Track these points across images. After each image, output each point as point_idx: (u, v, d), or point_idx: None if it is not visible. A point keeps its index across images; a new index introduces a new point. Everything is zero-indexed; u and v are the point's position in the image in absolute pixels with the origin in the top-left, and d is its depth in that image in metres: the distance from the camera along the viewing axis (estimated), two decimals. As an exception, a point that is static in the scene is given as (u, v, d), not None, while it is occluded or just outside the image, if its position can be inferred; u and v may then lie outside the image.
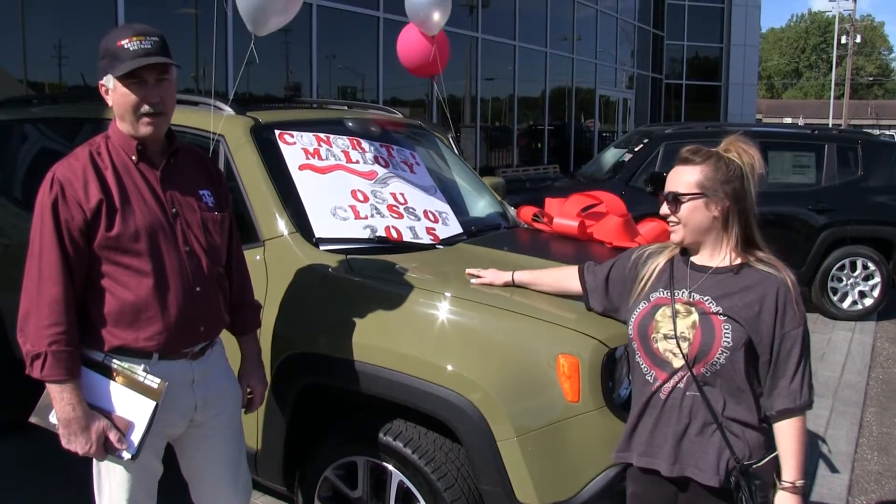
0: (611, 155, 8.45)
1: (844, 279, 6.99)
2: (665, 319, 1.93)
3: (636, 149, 7.58)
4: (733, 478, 1.85)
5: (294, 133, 3.17)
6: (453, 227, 3.19)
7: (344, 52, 10.80)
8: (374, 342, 2.45)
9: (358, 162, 3.21)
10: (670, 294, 1.96)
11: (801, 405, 1.86)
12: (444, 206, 3.29)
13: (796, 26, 67.23)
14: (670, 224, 1.99)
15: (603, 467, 2.23)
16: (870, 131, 10.59)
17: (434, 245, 3.02)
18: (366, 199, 3.04)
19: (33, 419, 1.99)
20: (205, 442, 2.16)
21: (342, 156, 3.20)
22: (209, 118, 3.02)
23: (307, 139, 3.18)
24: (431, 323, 2.42)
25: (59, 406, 1.88)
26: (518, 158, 15.43)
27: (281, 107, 3.93)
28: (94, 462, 2.04)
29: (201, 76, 8.20)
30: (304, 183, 2.99)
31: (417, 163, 3.49)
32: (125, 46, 1.89)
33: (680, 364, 1.89)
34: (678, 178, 1.96)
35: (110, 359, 1.95)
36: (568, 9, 17.41)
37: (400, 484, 2.45)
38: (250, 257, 2.52)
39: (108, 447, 1.93)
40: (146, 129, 1.96)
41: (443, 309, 2.43)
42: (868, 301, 7.00)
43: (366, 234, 2.90)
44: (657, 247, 2.14)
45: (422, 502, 2.39)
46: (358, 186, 3.09)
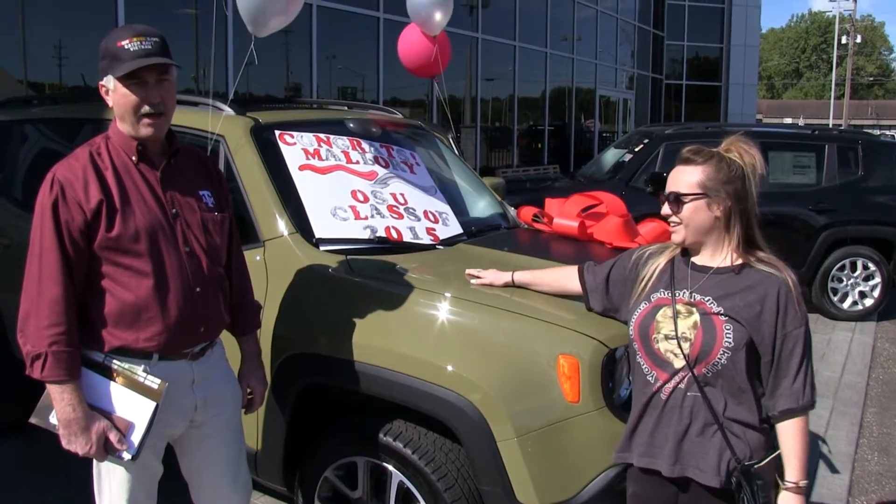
0: (611, 155, 8.46)
1: (845, 279, 6.99)
2: (666, 320, 1.93)
3: (636, 149, 7.58)
4: (734, 478, 1.85)
5: (294, 133, 3.18)
6: (453, 228, 3.19)
7: (344, 53, 10.80)
8: (374, 342, 2.45)
9: (358, 162, 3.21)
10: (671, 294, 1.96)
11: (804, 405, 1.86)
12: (445, 207, 3.29)
13: (796, 26, 67.25)
14: (671, 224, 1.98)
15: (603, 468, 2.23)
16: (870, 131, 10.58)
17: (434, 245, 3.02)
18: (366, 200, 3.04)
19: (33, 420, 1.99)
20: (205, 442, 2.16)
21: (342, 156, 3.20)
22: (209, 119, 3.02)
23: (307, 139, 3.18)
24: (431, 323, 2.42)
25: (60, 407, 1.88)
26: (518, 159, 15.43)
27: (281, 107, 3.93)
28: (94, 462, 2.04)
29: (201, 77, 8.20)
30: (305, 183, 2.99)
31: (417, 163, 3.49)
32: (125, 47, 1.89)
33: (681, 364, 1.89)
34: (680, 179, 1.95)
35: (110, 359, 1.96)
36: (568, 9, 17.41)
37: (400, 484, 2.45)
38: (250, 258, 2.52)
39: (109, 448, 1.93)
40: (146, 130, 1.96)
41: (443, 309, 2.43)
42: (868, 301, 7.00)
43: (366, 235, 2.90)
44: (657, 247, 2.14)
45: (422, 503, 2.39)
46: (358, 187, 3.09)
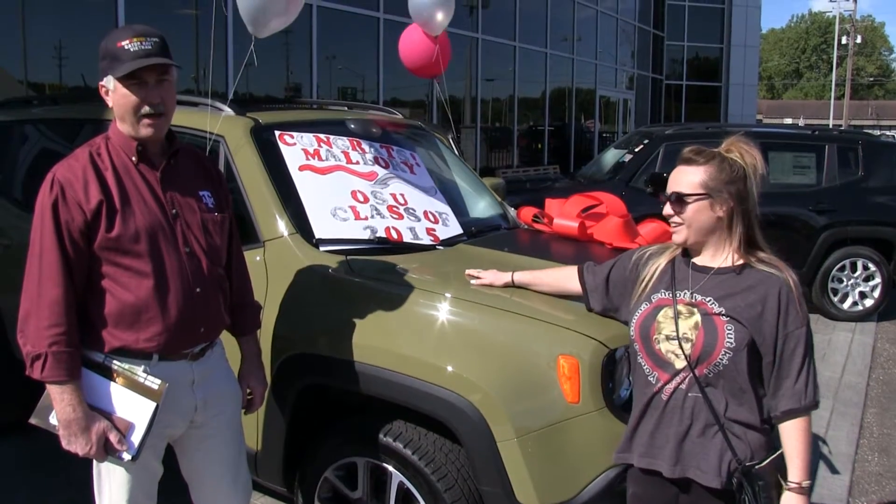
0: (611, 156, 8.46)
1: (845, 280, 6.98)
2: (667, 320, 1.93)
3: (636, 149, 7.58)
4: (735, 479, 1.85)
5: (294, 134, 3.17)
6: (453, 228, 3.19)
7: (344, 53, 10.80)
8: (375, 343, 2.45)
9: (358, 163, 3.21)
10: (672, 295, 1.96)
11: (807, 405, 1.85)
12: (445, 207, 3.29)
13: (797, 27, 67.25)
14: (673, 225, 1.97)
15: (603, 468, 2.23)
16: (870, 132, 10.58)
17: (434, 246, 3.02)
18: (366, 200, 3.04)
19: (33, 420, 1.99)
20: (205, 443, 2.16)
21: (342, 156, 3.20)
22: (209, 119, 3.02)
23: (307, 140, 3.18)
24: (431, 324, 2.42)
25: (60, 407, 1.88)
26: (518, 159, 15.43)
27: (281, 107, 3.93)
28: (95, 463, 2.04)
29: (201, 77, 8.20)
30: (305, 184, 2.99)
31: (417, 163, 3.49)
32: (125, 47, 1.89)
33: (682, 365, 1.89)
34: (682, 179, 1.94)
35: (110, 360, 1.95)
36: (568, 9, 17.42)
37: (400, 485, 2.44)
38: (250, 258, 2.52)
39: (109, 448, 1.93)
40: (146, 131, 1.96)
41: (443, 310, 2.43)
42: (868, 302, 7.00)
43: (366, 235, 2.90)
44: (658, 248, 2.14)
45: (422, 503, 2.39)
46: (358, 187, 3.09)
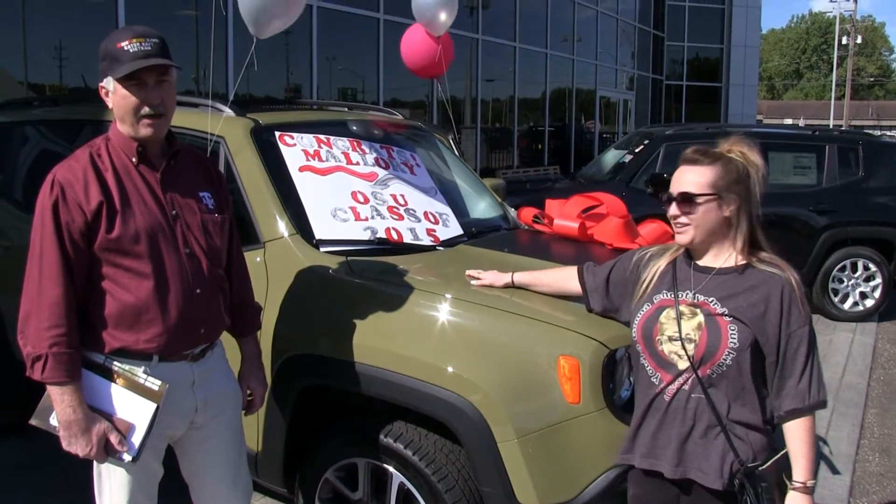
0: (611, 156, 8.46)
1: (845, 280, 6.98)
2: (670, 321, 1.92)
3: (637, 150, 7.58)
4: (737, 480, 1.84)
5: (294, 135, 3.17)
6: (454, 229, 3.19)
7: (344, 54, 10.80)
8: (375, 344, 2.45)
9: (358, 163, 3.21)
10: (674, 296, 1.95)
11: (810, 405, 1.84)
12: (445, 208, 3.29)
13: (797, 27, 67.26)
14: (678, 226, 1.95)
15: (604, 469, 2.22)
16: (871, 132, 10.57)
17: (434, 246, 3.02)
18: (366, 201, 3.04)
19: (34, 421, 1.99)
20: (205, 444, 2.16)
21: (342, 157, 3.20)
22: (209, 120, 3.02)
23: (307, 141, 3.18)
24: (432, 325, 2.42)
25: (60, 408, 1.88)
26: (518, 160, 15.44)
27: (281, 108, 3.93)
28: (95, 464, 2.04)
29: (202, 78, 8.20)
30: (305, 184, 2.99)
31: (418, 164, 3.49)
32: (125, 48, 1.89)
33: (685, 366, 1.88)
34: (689, 179, 1.92)
35: (111, 361, 1.95)
36: (568, 10, 17.42)
37: (400, 486, 2.44)
38: (251, 259, 2.52)
39: (109, 449, 1.93)
40: (146, 130, 1.96)
41: (443, 310, 2.42)
42: (869, 302, 7.00)
43: (366, 236, 2.90)
44: (658, 248, 2.13)
45: (422, 504, 2.39)
46: (358, 188, 3.08)
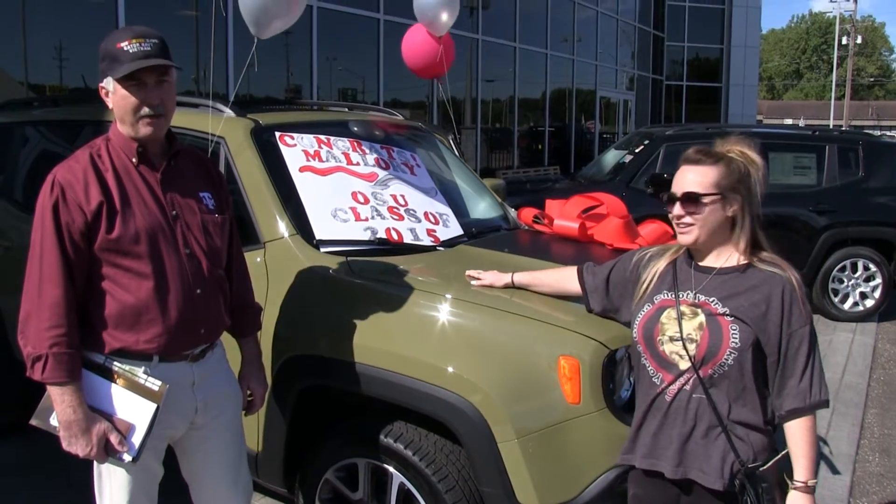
0: (611, 156, 8.46)
1: (845, 280, 6.98)
2: (671, 321, 1.92)
3: (637, 150, 7.58)
4: (737, 481, 1.84)
5: (294, 135, 3.18)
6: (454, 229, 3.19)
7: (344, 54, 10.80)
8: (375, 344, 2.45)
9: (358, 164, 3.21)
10: (675, 296, 1.95)
11: (811, 404, 1.84)
12: (445, 208, 3.29)
13: (797, 27, 67.25)
14: (681, 225, 1.94)
15: (604, 469, 2.22)
16: (871, 132, 10.57)
17: (435, 247, 3.02)
18: (366, 201, 3.04)
19: (34, 421, 1.99)
20: (205, 444, 2.16)
21: (343, 158, 3.20)
22: (209, 120, 3.02)
23: (307, 141, 3.18)
24: (432, 325, 2.42)
25: (60, 408, 1.88)
26: (518, 160, 15.44)
27: (281, 109, 3.93)
28: (95, 464, 2.04)
29: (202, 78, 8.20)
30: (305, 185, 2.99)
31: (418, 164, 3.49)
32: (125, 48, 1.89)
33: (686, 366, 1.88)
34: (693, 179, 1.91)
35: (111, 361, 1.95)
36: (568, 10, 17.42)
37: (401, 486, 2.44)
38: (251, 259, 2.52)
39: (109, 449, 1.93)
40: (145, 129, 1.96)
41: (443, 311, 2.42)
42: (869, 302, 6.99)
43: (366, 236, 2.90)
44: (658, 249, 2.13)
45: (422, 504, 2.39)
46: (358, 188, 3.09)
